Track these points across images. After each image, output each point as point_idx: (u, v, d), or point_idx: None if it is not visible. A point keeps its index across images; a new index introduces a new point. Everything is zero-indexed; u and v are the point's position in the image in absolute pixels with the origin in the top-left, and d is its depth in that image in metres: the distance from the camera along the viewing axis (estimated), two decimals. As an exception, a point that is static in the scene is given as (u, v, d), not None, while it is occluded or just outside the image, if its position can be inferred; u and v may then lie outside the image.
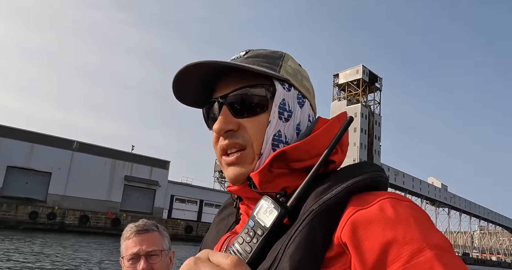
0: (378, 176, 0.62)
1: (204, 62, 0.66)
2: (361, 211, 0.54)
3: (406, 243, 0.49)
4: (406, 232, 0.50)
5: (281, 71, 0.71)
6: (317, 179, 0.62)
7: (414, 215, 0.53)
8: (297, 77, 0.74)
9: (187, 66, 0.68)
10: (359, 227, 0.53)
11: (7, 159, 40.80)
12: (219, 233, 0.78)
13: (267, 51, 0.76)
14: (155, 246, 1.59)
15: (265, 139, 0.68)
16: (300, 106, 0.72)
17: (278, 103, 0.69)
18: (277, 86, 0.69)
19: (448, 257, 0.48)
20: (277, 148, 0.68)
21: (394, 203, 0.55)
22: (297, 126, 0.71)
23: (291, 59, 0.77)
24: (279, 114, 0.69)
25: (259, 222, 0.60)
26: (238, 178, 0.69)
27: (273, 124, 0.68)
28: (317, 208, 0.56)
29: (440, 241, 0.50)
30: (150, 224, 1.67)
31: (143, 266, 1.52)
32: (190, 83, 0.73)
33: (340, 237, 0.54)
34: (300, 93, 0.73)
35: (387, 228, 0.51)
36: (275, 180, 0.66)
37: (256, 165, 0.68)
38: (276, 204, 0.60)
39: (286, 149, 0.65)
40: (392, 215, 0.52)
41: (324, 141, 0.66)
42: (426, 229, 0.51)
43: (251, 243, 0.59)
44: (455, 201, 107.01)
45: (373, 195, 0.58)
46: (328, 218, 0.56)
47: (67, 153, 45.04)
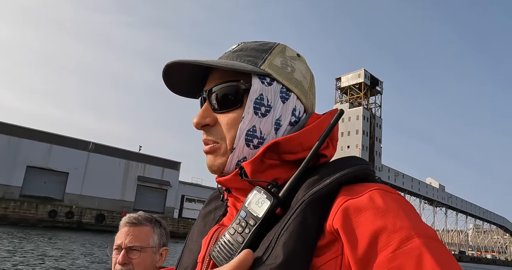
0: (367, 168, 0.63)
1: (179, 61, 0.67)
2: (352, 200, 0.55)
3: (396, 230, 0.49)
4: (395, 220, 0.51)
5: (263, 65, 0.69)
6: (308, 171, 0.62)
7: (402, 206, 0.55)
8: (286, 70, 0.71)
9: (167, 66, 0.69)
10: (351, 215, 0.53)
11: (27, 159, 41.56)
12: (206, 226, 0.77)
13: (257, 43, 0.74)
14: (137, 242, 1.56)
15: (237, 134, 0.67)
16: (283, 101, 0.70)
17: (253, 98, 0.68)
18: (253, 82, 0.68)
19: (435, 244, 0.49)
20: (251, 143, 0.67)
21: (383, 194, 0.56)
22: (277, 121, 0.69)
23: (285, 50, 0.74)
24: (255, 109, 0.68)
25: (251, 212, 0.59)
26: (212, 168, 0.70)
27: (247, 119, 0.67)
28: (309, 197, 0.57)
29: (427, 230, 0.51)
30: (144, 218, 1.64)
31: (120, 259, 1.51)
32: (180, 77, 0.74)
33: (332, 224, 0.54)
34: (285, 87, 0.70)
35: (377, 216, 0.52)
36: (266, 170, 0.66)
37: (229, 158, 0.68)
38: (269, 194, 0.59)
39: (279, 140, 0.64)
40: (381, 204, 0.53)
41: (317, 134, 0.65)
42: (414, 218, 0.53)
43: (243, 233, 0.58)
44: (452, 201, 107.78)
45: (363, 186, 0.58)
46: (320, 207, 0.57)
47: (83, 153, 45.74)
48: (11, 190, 39.62)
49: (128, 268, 1.50)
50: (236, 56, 0.71)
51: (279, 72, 0.70)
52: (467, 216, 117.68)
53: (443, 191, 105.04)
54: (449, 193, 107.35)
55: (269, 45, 0.73)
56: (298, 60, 0.74)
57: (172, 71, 0.72)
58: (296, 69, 0.72)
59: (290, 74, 0.71)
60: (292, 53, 0.75)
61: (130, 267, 1.51)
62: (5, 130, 40.89)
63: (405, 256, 0.47)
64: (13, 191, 39.66)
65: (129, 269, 1.51)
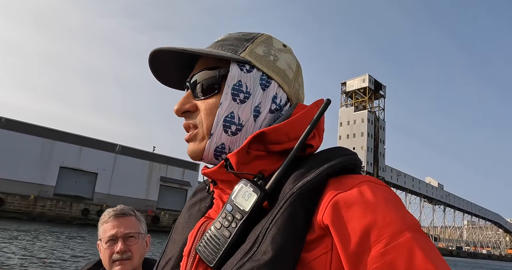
0: (354, 159, 0.60)
1: (160, 49, 0.65)
2: (342, 194, 0.52)
3: (386, 225, 0.48)
4: (385, 214, 0.49)
5: (243, 53, 0.66)
6: (295, 162, 0.60)
7: (391, 198, 0.53)
8: (268, 59, 0.68)
9: (151, 55, 0.68)
10: (340, 210, 0.51)
11: (60, 160, 42.79)
12: (191, 218, 0.73)
13: (241, 33, 0.71)
14: (132, 229, 1.56)
15: (215, 119, 0.65)
16: (263, 88, 0.66)
17: (231, 84, 0.65)
18: (231, 68, 0.65)
19: (422, 238, 0.49)
20: (229, 129, 0.65)
21: (372, 186, 0.54)
22: (256, 108, 0.65)
23: (270, 40, 0.71)
24: (233, 95, 0.65)
25: (237, 206, 0.56)
26: (191, 154, 0.67)
27: (224, 105, 0.65)
28: (297, 190, 0.54)
29: (414, 222, 0.50)
30: (128, 209, 1.64)
31: (121, 247, 1.49)
32: (169, 68, 0.73)
33: (322, 219, 0.52)
34: (265, 74, 0.67)
35: (367, 211, 0.50)
36: (252, 162, 0.62)
37: (206, 144, 0.65)
38: (255, 187, 0.56)
39: (265, 130, 0.61)
40: (371, 198, 0.51)
41: (303, 124, 0.62)
42: (402, 211, 0.51)
43: (229, 227, 0.56)
44: (450, 199, 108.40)
45: (351, 178, 0.56)
46: (308, 200, 0.54)
47: (111, 155, 46.86)
48: (46, 189, 40.83)
49: (127, 255, 1.49)
50: (218, 45, 0.69)
51: (259, 60, 0.67)
52: (464, 213, 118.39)
53: (441, 190, 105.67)
54: (447, 192, 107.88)
55: (252, 35, 0.71)
56: (283, 50, 0.72)
57: (159, 62, 0.71)
58: (280, 59, 0.69)
59: (273, 62, 0.68)
60: (278, 43, 0.72)
61: (129, 254, 1.49)
62: (40, 133, 42.12)
63: (397, 251, 0.46)
64: (47, 190, 40.86)
65: (128, 256, 1.49)
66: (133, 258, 1.50)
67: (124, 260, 1.48)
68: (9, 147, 39.10)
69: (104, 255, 1.52)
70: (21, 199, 36.32)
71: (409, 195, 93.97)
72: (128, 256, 1.49)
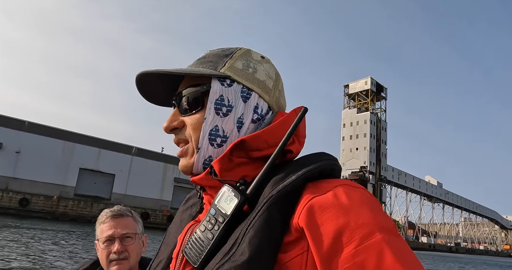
0: (332, 164, 0.62)
1: (145, 72, 0.68)
2: (317, 198, 0.54)
3: (358, 227, 0.49)
4: (357, 217, 0.50)
5: (223, 69, 0.68)
6: (275, 167, 0.61)
7: (365, 201, 0.53)
8: (247, 71, 0.70)
9: (137, 76, 0.69)
10: (315, 213, 0.52)
11: (80, 162, 43.67)
12: (182, 222, 0.75)
13: (220, 50, 0.73)
14: (129, 230, 1.55)
15: (201, 134, 0.66)
16: (244, 100, 0.68)
17: (213, 100, 0.67)
18: (213, 84, 0.67)
19: (394, 239, 0.49)
20: (214, 142, 0.66)
21: (347, 190, 0.54)
22: (239, 119, 0.67)
23: (248, 53, 0.73)
24: (216, 110, 0.67)
25: (220, 209, 0.58)
26: (183, 169, 0.69)
27: (209, 120, 0.66)
28: (275, 194, 0.55)
29: (387, 224, 0.51)
30: (125, 209, 1.63)
31: (118, 247, 1.48)
32: (156, 87, 0.74)
33: (298, 222, 0.53)
34: (245, 87, 0.69)
35: (340, 214, 0.51)
36: (235, 168, 0.64)
37: (195, 158, 0.67)
38: (236, 191, 0.58)
39: (245, 138, 0.63)
40: (345, 201, 0.52)
41: (282, 131, 0.63)
42: (376, 213, 0.52)
43: (212, 230, 0.58)
44: (448, 197, 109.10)
45: (328, 183, 0.57)
46: (285, 204, 0.55)
47: (127, 157, 47.68)
48: (67, 190, 41.74)
49: (124, 255, 1.48)
50: (200, 63, 0.71)
51: (239, 74, 0.69)
52: (462, 211, 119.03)
53: (440, 188, 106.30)
54: (446, 190, 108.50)
55: (231, 50, 0.72)
56: (261, 61, 0.73)
57: (146, 83, 0.72)
58: (258, 70, 0.71)
59: (252, 74, 0.70)
60: (256, 56, 0.74)
61: (126, 255, 1.49)
62: (61, 136, 43.03)
63: (367, 252, 0.47)
64: (68, 191, 41.77)
65: (125, 256, 1.48)
66: (130, 258, 1.49)
67: (121, 260, 1.47)
68: (32, 149, 40.07)
69: (101, 254, 1.52)
70: (45, 199, 37.24)
71: (410, 193, 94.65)
72: (125, 256, 1.48)
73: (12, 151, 38.91)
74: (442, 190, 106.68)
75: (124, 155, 47.43)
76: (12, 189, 36.81)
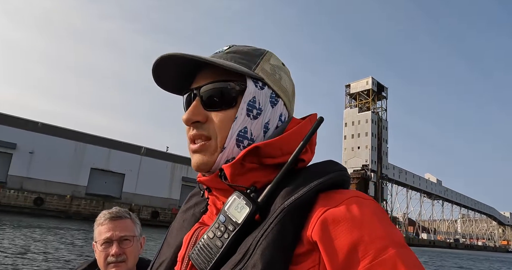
0: (343, 175, 0.61)
1: (180, 55, 0.62)
2: (330, 210, 0.53)
3: (372, 241, 0.49)
4: (371, 231, 0.50)
5: (257, 70, 0.66)
6: (287, 176, 0.60)
7: (376, 214, 0.53)
8: (275, 77, 0.68)
9: (162, 57, 0.63)
10: (329, 226, 0.51)
11: (91, 162, 44.36)
12: (185, 222, 0.73)
13: (249, 48, 0.70)
14: (127, 232, 1.51)
15: (229, 133, 0.63)
16: (272, 106, 0.66)
17: (247, 100, 0.64)
18: (248, 84, 0.64)
19: (406, 252, 0.49)
20: (241, 143, 0.63)
21: (359, 202, 0.54)
22: (266, 124, 0.65)
23: (273, 57, 0.71)
24: (247, 111, 0.64)
25: (230, 217, 0.57)
26: (200, 166, 0.65)
27: (239, 120, 0.63)
28: (288, 206, 0.54)
29: (399, 238, 0.51)
30: (123, 211, 1.59)
31: (116, 250, 1.45)
32: (170, 72, 0.69)
33: (311, 235, 0.52)
34: (274, 92, 0.67)
35: (354, 227, 0.50)
36: (246, 174, 0.62)
37: (218, 157, 0.63)
38: (248, 200, 0.56)
39: (260, 144, 0.60)
40: (358, 214, 0.52)
41: (296, 140, 0.62)
42: (387, 227, 0.52)
43: (222, 238, 0.56)
44: (448, 194, 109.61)
45: (340, 194, 0.56)
46: (298, 216, 0.54)
47: (136, 157, 48.32)
48: (79, 189, 42.42)
49: (122, 258, 1.46)
50: (230, 57, 0.66)
51: (270, 78, 0.67)
52: (461, 207, 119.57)
53: (440, 185, 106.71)
54: (445, 187, 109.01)
55: (261, 51, 0.70)
56: (283, 69, 0.71)
57: (162, 66, 0.67)
58: (282, 77, 0.69)
59: (279, 81, 0.68)
60: (278, 62, 0.72)
61: (124, 257, 1.46)
62: (73, 136, 43.66)
63: (382, 266, 0.47)
64: (80, 190, 42.44)
65: (123, 259, 1.46)
66: (128, 260, 1.47)
67: (119, 263, 1.45)
68: (45, 149, 40.76)
69: (99, 256, 1.50)
70: (58, 199, 37.85)
71: (410, 190, 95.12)
72: (122, 258, 1.46)
73: (26, 152, 39.61)
74: (442, 187, 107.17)
75: (134, 155, 48.06)
76: (27, 189, 37.42)
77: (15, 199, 35.17)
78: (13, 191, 35.42)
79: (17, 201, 35.17)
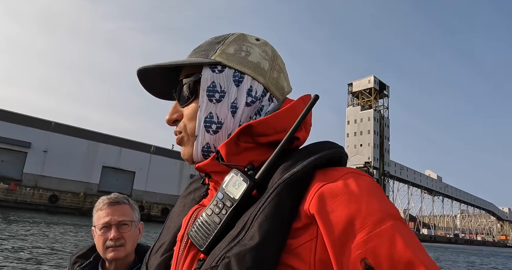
0: (340, 152, 0.61)
1: (143, 67, 0.68)
2: (328, 185, 0.53)
3: (369, 214, 0.49)
4: (368, 204, 0.50)
5: (214, 56, 0.67)
6: (284, 154, 0.59)
7: (373, 189, 0.54)
8: (238, 56, 0.67)
9: (138, 71, 0.69)
10: (326, 200, 0.51)
11: (102, 160, 44.92)
12: (185, 206, 0.74)
13: (213, 38, 0.72)
14: (125, 217, 1.51)
15: (197, 122, 0.66)
16: (236, 84, 0.66)
17: (205, 87, 0.66)
18: (203, 72, 0.66)
19: (402, 225, 0.50)
20: (210, 129, 0.65)
21: (356, 178, 0.54)
22: (232, 104, 0.65)
23: (242, 37, 0.71)
24: (208, 97, 0.65)
25: (228, 194, 0.57)
26: (184, 157, 0.69)
27: (203, 108, 0.65)
28: (285, 180, 0.54)
29: (395, 211, 0.52)
30: (122, 197, 1.59)
31: (114, 234, 1.45)
32: (157, 83, 0.74)
33: (308, 209, 0.52)
34: (237, 71, 0.67)
35: (351, 201, 0.51)
36: (242, 153, 0.63)
37: (194, 146, 0.66)
38: (245, 176, 0.57)
39: (252, 123, 0.61)
40: (355, 189, 0.52)
41: (290, 118, 0.62)
42: (384, 201, 0.52)
43: (220, 214, 0.56)
44: (448, 190, 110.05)
45: (337, 170, 0.56)
46: (295, 190, 0.54)
47: (146, 155, 48.84)
48: (91, 187, 42.97)
49: (120, 242, 1.46)
50: (194, 53, 0.70)
51: (230, 58, 0.67)
52: (460, 203, 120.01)
53: (440, 182, 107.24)
54: (445, 183, 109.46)
55: (224, 37, 0.71)
56: (256, 44, 0.70)
57: (147, 77, 0.72)
58: (252, 53, 0.68)
59: (244, 58, 0.68)
60: (251, 39, 0.71)
61: (122, 241, 1.46)
62: (85, 135, 44.20)
63: (379, 238, 0.47)
64: (92, 188, 42.99)
65: (121, 243, 1.46)
66: (126, 244, 1.48)
67: (117, 247, 1.46)
68: (59, 148, 41.31)
69: (98, 241, 1.50)
70: (72, 196, 38.44)
71: (411, 187, 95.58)
72: (121, 243, 1.46)
73: (40, 150, 40.13)
74: (442, 184, 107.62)
75: (143, 153, 48.56)
76: (41, 186, 37.99)
77: (31, 196, 35.76)
78: (29, 189, 36.00)
79: (33, 198, 35.74)
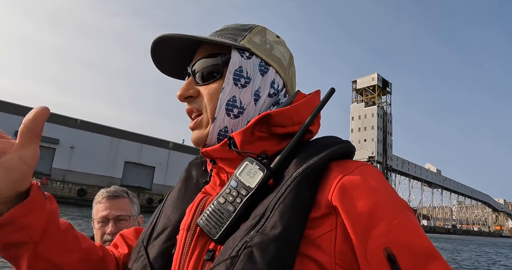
0: (350, 146, 0.61)
1: (167, 35, 0.63)
2: (347, 177, 0.53)
3: (389, 205, 0.51)
4: (386, 195, 0.52)
5: (243, 41, 0.65)
6: (297, 145, 0.59)
7: (385, 181, 0.56)
8: (264, 47, 0.67)
9: (154, 42, 0.65)
10: (349, 191, 0.52)
11: (124, 156, 46.16)
12: (188, 192, 0.70)
13: (238, 24, 0.70)
14: (124, 211, 1.47)
15: (218, 104, 0.63)
16: (262, 74, 0.65)
17: (232, 70, 0.64)
18: (233, 55, 0.64)
19: (413, 215, 0.52)
20: (231, 112, 0.63)
21: (370, 170, 0.56)
22: (256, 92, 0.64)
23: (265, 31, 0.70)
24: (234, 80, 0.63)
25: (242, 182, 0.55)
26: (196, 141, 0.66)
27: (227, 90, 0.63)
28: (303, 171, 0.54)
29: (406, 202, 0.54)
30: (121, 190, 1.55)
31: (111, 229, 1.41)
32: (169, 58, 0.70)
33: (331, 199, 0.52)
34: (264, 61, 0.66)
35: (371, 192, 0.51)
36: (254, 142, 0.61)
37: (210, 128, 0.64)
38: (261, 165, 0.55)
39: (271, 112, 0.60)
40: (373, 181, 0.53)
41: (306, 110, 0.62)
42: (395, 193, 0.54)
43: (234, 202, 0.54)
44: (446, 183, 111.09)
45: (351, 163, 0.57)
46: (313, 181, 0.54)
47: (165, 151, 50.10)
48: (114, 181, 43.98)
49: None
50: (218, 34, 0.68)
51: (258, 48, 0.66)
52: (458, 195, 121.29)
53: (439, 175, 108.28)
54: (444, 176, 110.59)
55: (249, 26, 0.70)
56: (277, 41, 0.71)
57: (161, 51, 0.68)
58: (275, 48, 0.69)
59: (269, 50, 0.68)
60: (272, 35, 0.71)
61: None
62: (108, 132, 45.43)
63: (400, 228, 0.49)
64: (115, 182, 43.89)
65: None
66: None
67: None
68: (85, 144, 42.64)
69: (96, 234, 1.47)
70: (98, 190, 38.83)
71: (412, 180, 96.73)
72: None
73: (67, 146, 41.38)
74: (441, 177, 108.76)
75: (163, 149, 49.76)
76: (68, 180, 39.20)
77: (60, 190, 36.99)
78: (58, 183, 37.27)
79: (62, 192, 36.97)
